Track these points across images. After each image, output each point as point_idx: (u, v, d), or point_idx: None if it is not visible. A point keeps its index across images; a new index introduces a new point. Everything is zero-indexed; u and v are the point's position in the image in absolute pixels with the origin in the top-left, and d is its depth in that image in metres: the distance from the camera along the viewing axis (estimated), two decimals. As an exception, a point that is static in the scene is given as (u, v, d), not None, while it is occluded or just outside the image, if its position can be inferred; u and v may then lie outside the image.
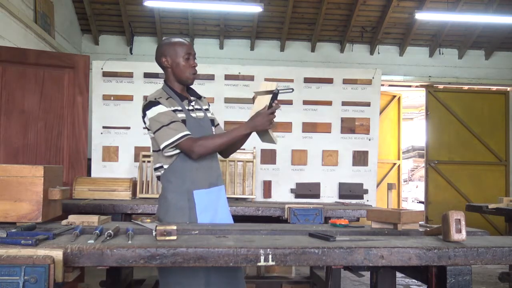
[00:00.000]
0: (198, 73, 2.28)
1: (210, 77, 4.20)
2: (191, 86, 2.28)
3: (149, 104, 2.10)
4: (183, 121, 2.11)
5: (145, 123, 2.16)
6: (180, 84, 2.20)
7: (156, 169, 2.18)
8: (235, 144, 2.24)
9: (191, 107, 2.19)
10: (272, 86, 2.11)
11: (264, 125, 2.07)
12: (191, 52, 2.17)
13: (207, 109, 2.30)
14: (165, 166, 2.14)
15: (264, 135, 2.17)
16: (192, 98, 2.23)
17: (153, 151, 2.20)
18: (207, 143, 2.07)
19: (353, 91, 4.31)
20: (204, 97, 2.37)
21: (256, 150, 3.98)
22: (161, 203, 2.17)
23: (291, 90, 2.21)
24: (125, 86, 4.16)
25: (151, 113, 2.08)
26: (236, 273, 2.10)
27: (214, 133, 2.26)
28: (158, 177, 2.19)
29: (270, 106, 2.08)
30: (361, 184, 4.23)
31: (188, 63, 2.16)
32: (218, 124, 2.36)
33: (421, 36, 7.08)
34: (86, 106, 4.12)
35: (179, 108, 2.13)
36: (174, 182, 2.12)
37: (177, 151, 2.10)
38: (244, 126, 2.10)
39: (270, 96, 2.08)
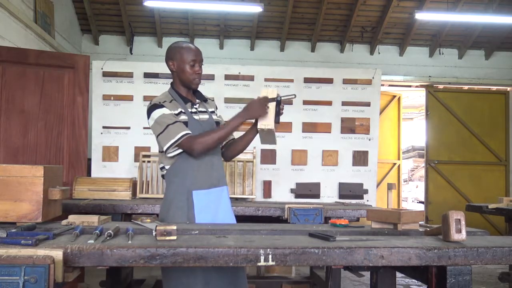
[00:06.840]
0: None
1: (210, 77, 4.19)
2: (198, 89, 2.29)
3: (153, 107, 2.14)
4: (185, 123, 2.14)
5: (149, 124, 2.19)
6: (185, 88, 2.23)
7: (161, 169, 2.24)
8: (237, 145, 2.31)
9: (194, 110, 2.22)
10: (273, 93, 2.15)
11: (258, 112, 2.11)
12: (197, 59, 2.18)
13: (213, 112, 2.31)
14: (167, 167, 2.19)
15: (265, 136, 2.19)
16: (197, 100, 2.26)
17: (159, 151, 2.25)
18: (205, 139, 2.10)
19: (353, 91, 4.31)
20: (212, 99, 2.39)
21: (256, 150, 3.98)
22: (163, 202, 2.22)
23: (294, 96, 2.23)
24: (125, 86, 4.16)
25: (155, 114, 2.13)
26: (238, 272, 2.10)
27: None
28: (163, 176, 2.24)
29: (278, 113, 2.13)
30: (361, 184, 4.23)
31: (193, 69, 2.17)
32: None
33: (421, 36, 7.07)
34: (86, 106, 4.12)
35: (182, 110, 2.17)
36: (175, 182, 2.16)
37: (179, 151, 2.13)
38: (239, 114, 2.15)
39: (274, 103, 2.13)
